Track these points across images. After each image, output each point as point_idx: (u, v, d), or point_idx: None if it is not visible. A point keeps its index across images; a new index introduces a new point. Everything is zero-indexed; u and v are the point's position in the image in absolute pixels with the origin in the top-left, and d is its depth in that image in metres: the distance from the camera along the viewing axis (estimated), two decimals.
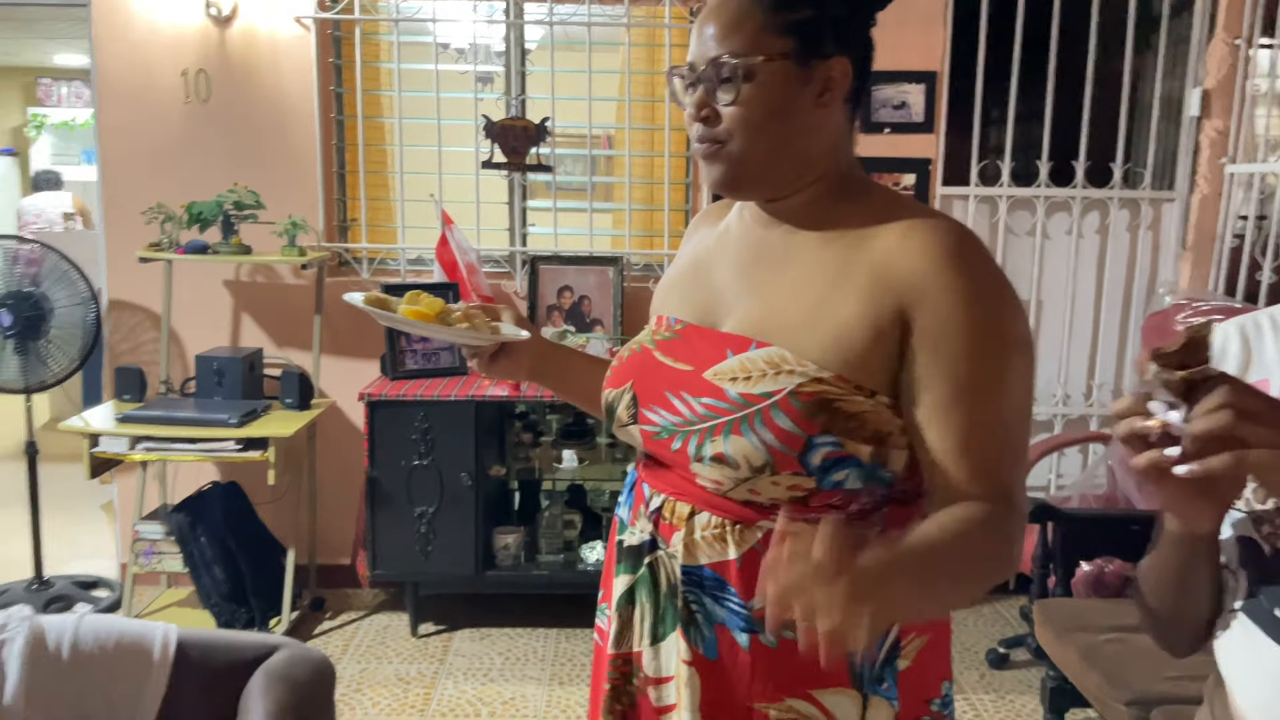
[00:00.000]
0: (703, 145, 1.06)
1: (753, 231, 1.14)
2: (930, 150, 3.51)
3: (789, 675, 1.07)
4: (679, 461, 1.08)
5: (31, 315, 3.21)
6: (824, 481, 1.02)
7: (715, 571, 1.07)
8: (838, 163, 1.09)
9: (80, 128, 8.15)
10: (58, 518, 3.61)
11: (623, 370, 1.17)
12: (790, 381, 1.00)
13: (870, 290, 1.01)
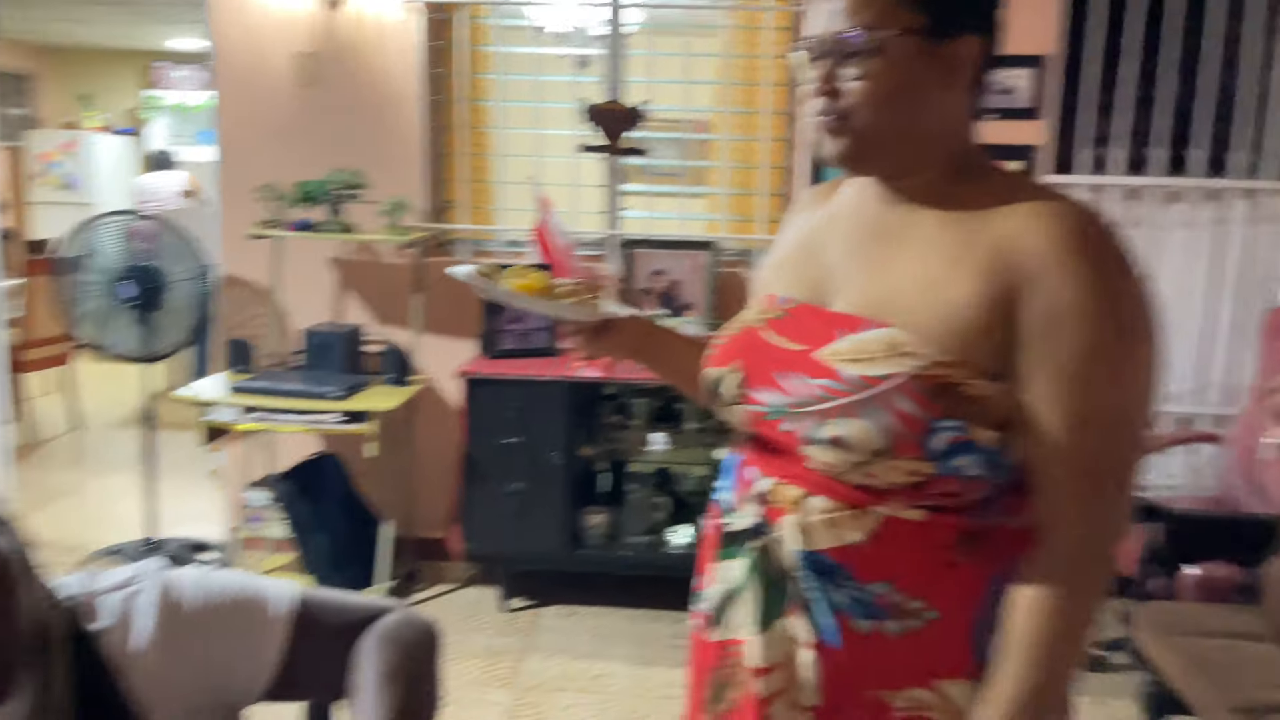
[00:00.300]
0: (825, 119, 1.04)
1: (867, 209, 1.11)
2: (1037, 137, 3.41)
3: (912, 664, 1.05)
4: (789, 444, 1.07)
5: (151, 287, 3.36)
6: (944, 467, 0.99)
7: (834, 557, 1.05)
8: (960, 144, 1.07)
9: (194, 110, 8.47)
10: (168, 482, 3.78)
11: (728, 349, 1.16)
12: (911, 364, 0.99)
13: (989, 271, 0.99)
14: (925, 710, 1.06)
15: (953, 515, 1.03)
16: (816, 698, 1.08)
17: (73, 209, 7.86)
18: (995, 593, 1.04)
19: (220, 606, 0.98)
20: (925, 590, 1.04)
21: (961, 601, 1.04)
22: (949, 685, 1.05)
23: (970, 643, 1.05)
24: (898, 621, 1.04)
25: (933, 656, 1.05)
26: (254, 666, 0.98)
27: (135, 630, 0.93)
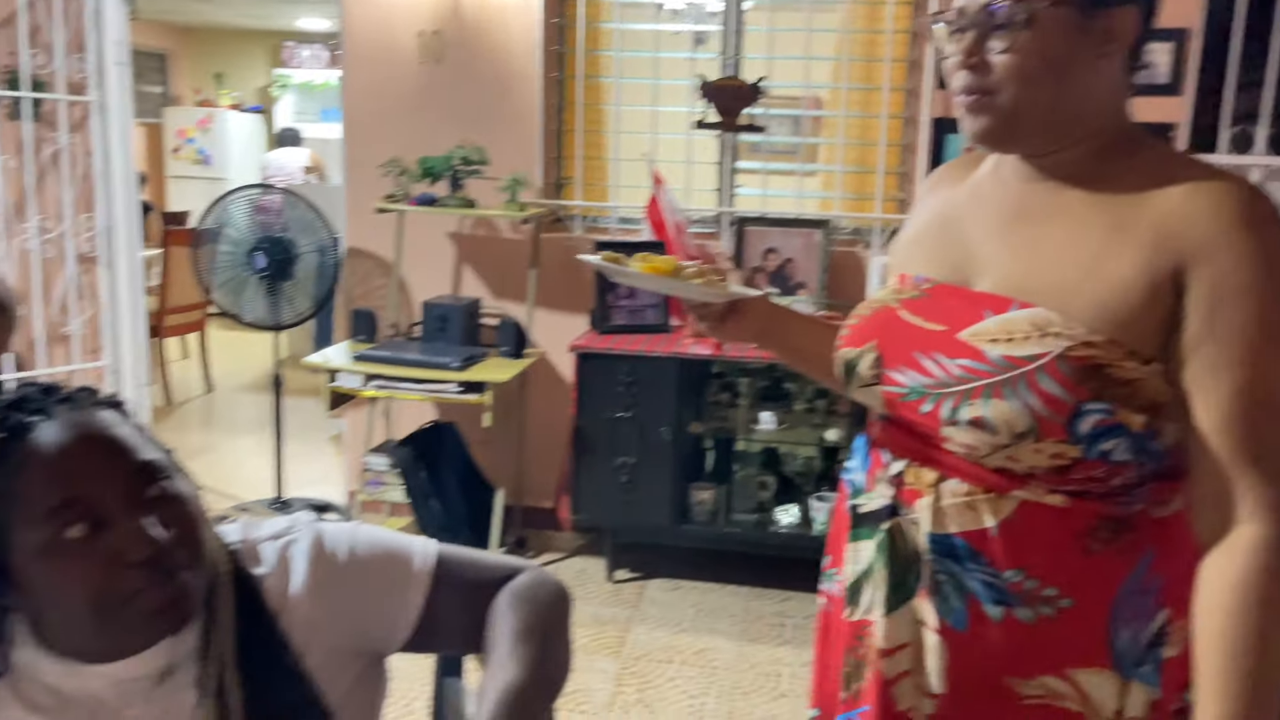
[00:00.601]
0: (968, 96, 1.02)
1: (1012, 187, 1.08)
2: (1176, 115, 3.26)
3: (1044, 652, 1.04)
4: (928, 425, 1.05)
5: (282, 259, 3.51)
6: (1090, 451, 0.97)
7: (967, 541, 1.04)
8: (1112, 119, 1.03)
9: (319, 88, 8.76)
10: (292, 446, 3.96)
11: (863, 329, 1.14)
12: (1058, 345, 0.97)
13: (1150, 248, 0.96)
14: (1057, 699, 1.04)
15: (1096, 501, 1.01)
16: (942, 684, 1.07)
17: (207, 183, 8.26)
18: (1136, 581, 1.02)
19: (368, 559, 1.03)
20: (1061, 577, 1.02)
21: (1099, 590, 1.02)
22: (1083, 674, 1.03)
23: (1107, 632, 1.02)
24: (1030, 609, 1.03)
25: (1066, 645, 1.03)
26: (396, 617, 1.02)
27: (291, 577, 0.99)
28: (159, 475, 0.89)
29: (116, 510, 0.86)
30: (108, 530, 0.85)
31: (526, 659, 0.96)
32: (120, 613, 0.86)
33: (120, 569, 0.85)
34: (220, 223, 3.57)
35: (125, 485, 0.87)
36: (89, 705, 0.91)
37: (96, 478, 0.86)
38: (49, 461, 0.85)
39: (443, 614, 1.04)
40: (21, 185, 3.57)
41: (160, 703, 0.93)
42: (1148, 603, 1.02)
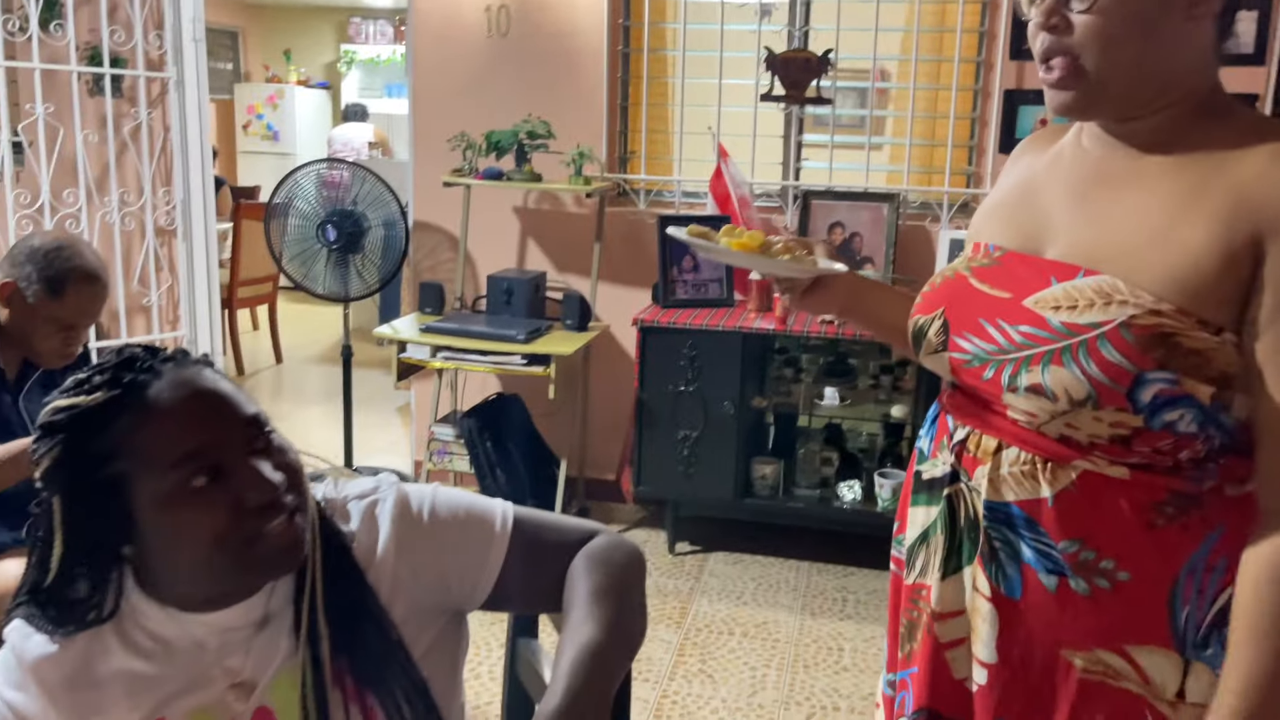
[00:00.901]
0: (1052, 69, 1.00)
1: (1091, 154, 1.07)
2: (1259, 85, 3.16)
3: (1101, 625, 1.03)
4: (990, 391, 1.05)
5: (353, 232, 3.57)
6: (1153, 421, 0.96)
7: (1024, 510, 1.04)
8: (1200, 83, 1.01)
9: (384, 64, 8.85)
10: (359, 416, 4.04)
11: (934, 296, 1.14)
12: (1122, 312, 0.95)
13: (1228, 215, 0.94)
14: (1114, 676, 1.03)
15: (1162, 475, 0.99)
16: (993, 653, 1.07)
17: (275, 159, 8.42)
18: (1201, 559, 1.00)
19: (450, 520, 1.06)
20: (1120, 551, 1.01)
21: (1160, 566, 1.01)
22: (1141, 652, 1.02)
23: (1167, 610, 1.01)
24: (1085, 579, 1.02)
25: (1124, 620, 1.02)
26: (477, 575, 1.05)
27: (378, 536, 1.03)
28: (264, 426, 0.94)
29: (233, 458, 0.90)
30: (227, 478, 0.90)
31: (604, 619, 0.98)
32: (241, 555, 0.90)
33: (241, 513, 0.90)
34: (291, 197, 3.64)
35: (239, 435, 0.92)
36: (191, 652, 0.96)
37: (214, 429, 0.90)
38: (170, 415, 0.89)
39: (521, 573, 1.07)
40: (103, 160, 3.69)
41: (257, 652, 0.97)
42: (1213, 581, 1.00)
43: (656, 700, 2.58)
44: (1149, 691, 1.02)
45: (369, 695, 0.98)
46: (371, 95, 8.78)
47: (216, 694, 0.96)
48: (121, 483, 0.88)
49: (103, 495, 0.89)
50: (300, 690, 0.96)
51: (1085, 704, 1.04)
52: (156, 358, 0.94)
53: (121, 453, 0.88)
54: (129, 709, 0.95)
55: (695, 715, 2.52)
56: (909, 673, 1.17)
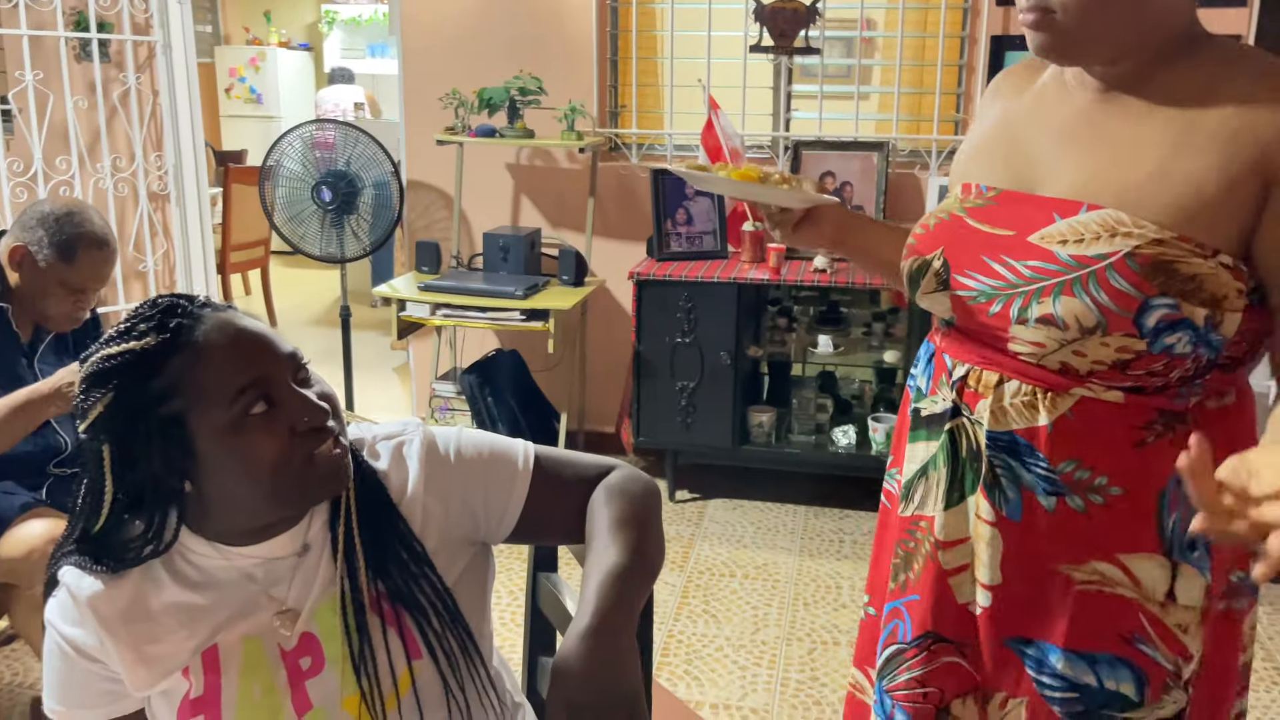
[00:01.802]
0: (1030, 14, 1.04)
1: (1076, 95, 1.12)
2: (1240, 26, 3.19)
3: (1096, 538, 1.09)
4: (995, 326, 1.10)
5: (347, 193, 3.59)
6: (1155, 345, 1.02)
7: (1024, 437, 1.10)
8: (1178, 26, 1.05)
9: (366, 23, 8.76)
10: (357, 377, 4.09)
11: (930, 237, 1.18)
12: (1127, 244, 1.01)
13: (1224, 143, 0.99)
14: (1109, 584, 1.10)
15: (1153, 396, 1.06)
16: (996, 574, 1.13)
17: (259, 122, 8.36)
18: None
19: (475, 458, 1.12)
20: (1113, 468, 1.07)
21: (1149, 480, 1.07)
22: (1133, 559, 1.09)
23: (1155, 520, 1.08)
24: (1081, 497, 1.09)
25: (1117, 532, 1.09)
26: (504, 510, 1.11)
27: (408, 474, 1.08)
28: (302, 360, 1.00)
29: (283, 388, 0.96)
30: (280, 405, 0.96)
31: (626, 544, 1.04)
32: (300, 477, 0.96)
33: (297, 436, 0.96)
34: (284, 159, 3.65)
35: (285, 367, 0.98)
36: (239, 583, 1.02)
37: (265, 362, 0.96)
38: (223, 352, 0.95)
39: (544, 507, 1.13)
40: (94, 125, 3.69)
41: (300, 580, 1.03)
42: None
43: (663, 640, 2.66)
44: (1141, 594, 1.09)
45: (405, 618, 1.04)
46: (354, 56, 8.70)
47: (264, 621, 1.02)
48: (181, 420, 0.94)
49: (163, 434, 0.94)
50: (341, 614, 1.02)
51: (1083, 612, 1.11)
52: (194, 304, 0.98)
53: (180, 390, 0.93)
54: (184, 638, 1.01)
55: (701, 653, 2.61)
56: (905, 600, 1.24)
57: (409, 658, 1.03)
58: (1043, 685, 1.13)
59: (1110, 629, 1.10)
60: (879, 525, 1.33)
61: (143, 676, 1.01)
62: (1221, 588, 1.12)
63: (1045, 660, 1.13)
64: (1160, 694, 1.11)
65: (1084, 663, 1.12)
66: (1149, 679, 1.10)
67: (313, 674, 1.02)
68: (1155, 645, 1.10)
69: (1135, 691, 1.11)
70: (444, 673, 1.04)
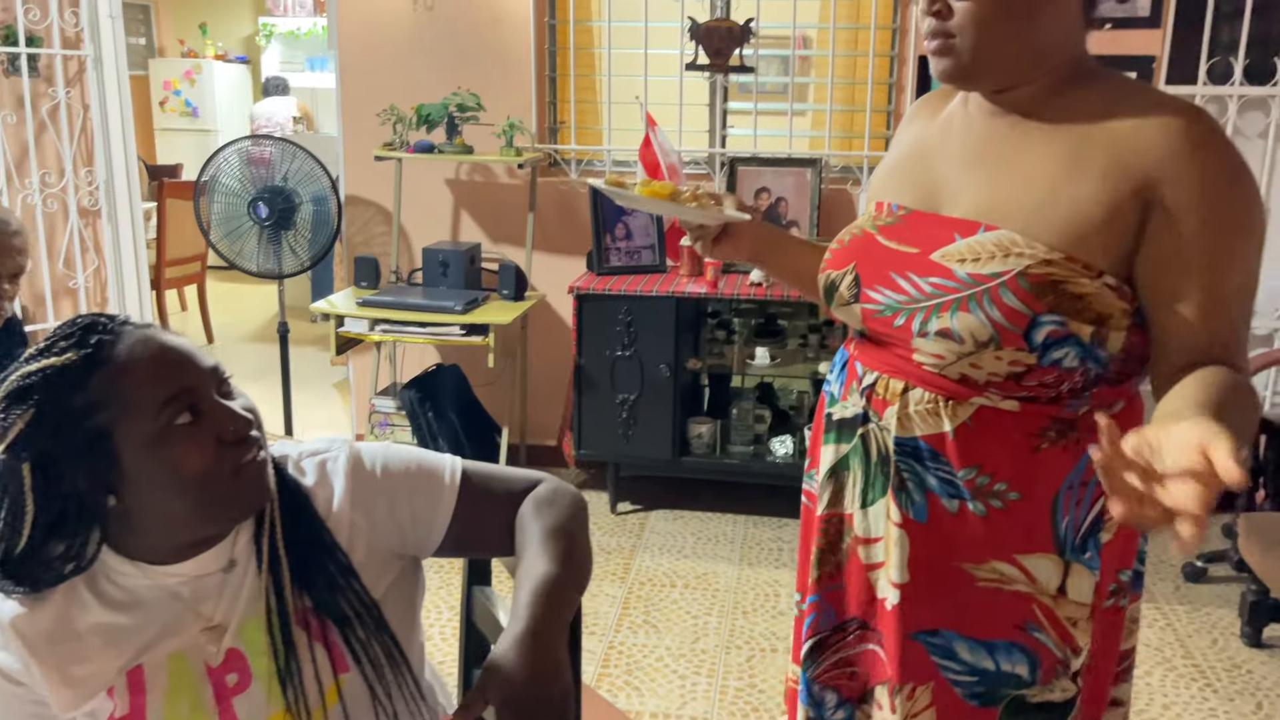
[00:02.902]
0: (934, 41, 1.11)
1: (977, 121, 1.18)
2: (1154, 47, 3.33)
3: (994, 540, 1.16)
4: (899, 338, 1.16)
5: (284, 208, 3.57)
6: (1044, 359, 1.08)
7: (929, 443, 1.16)
8: (1070, 54, 1.12)
9: (305, 37, 8.68)
10: (296, 394, 4.06)
11: (844, 253, 1.25)
12: (1019, 263, 1.06)
13: (1109, 170, 1.05)
14: (1007, 583, 1.16)
15: (1046, 405, 1.12)
16: (904, 573, 1.19)
17: (196, 135, 8.24)
18: (1078, 475, 1.14)
19: (402, 473, 1.14)
20: (1011, 474, 1.14)
21: (1044, 484, 1.14)
22: (1029, 559, 1.15)
23: (1050, 521, 1.15)
24: (982, 501, 1.15)
25: (1015, 533, 1.15)
26: (430, 524, 1.13)
27: (333, 489, 1.10)
28: (225, 374, 1.01)
29: (208, 399, 0.98)
30: (205, 416, 0.97)
31: (556, 555, 1.07)
32: (225, 488, 0.97)
33: (221, 446, 0.97)
34: (220, 174, 3.62)
35: (209, 378, 0.99)
36: (165, 601, 1.02)
37: (188, 373, 0.98)
38: (147, 365, 0.96)
39: (471, 521, 1.15)
40: (22, 140, 3.62)
41: (226, 596, 1.04)
42: (1088, 494, 1.14)
43: (604, 652, 2.68)
44: (1035, 589, 1.16)
45: (331, 631, 1.05)
46: (293, 69, 8.61)
47: (190, 638, 1.03)
48: (107, 433, 0.94)
49: (87, 449, 0.94)
50: (267, 629, 1.03)
51: (983, 606, 1.17)
52: (115, 321, 0.99)
53: (105, 403, 0.94)
54: (110, 658, 1.01)
55: (641, 664, 2.63)
56: (829, 591, 1.29)
57: (335, 671, 1.05)
58: (947, 670, 1.20)
59: (1007, 620, 1.17)
60: (802, 525, 1.39)
61: (68, 698, 1.01)
62: (1110, 585, 1.19)
63: (949, 647, 1.20)
64: (1050, 678, 1.18)
65: (983, 649, 1.18)
66: (1041, 661, 1.17)
67: (239, 690, 1.03)
68: (1047, 633, 1.17)
69: (1029, 672, 1.18)
70: (371, 683, 1.06)
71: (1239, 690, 2.55)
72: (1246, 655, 2.71)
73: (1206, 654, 2.72)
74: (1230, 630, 2.83)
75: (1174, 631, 2.83)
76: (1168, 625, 2.86)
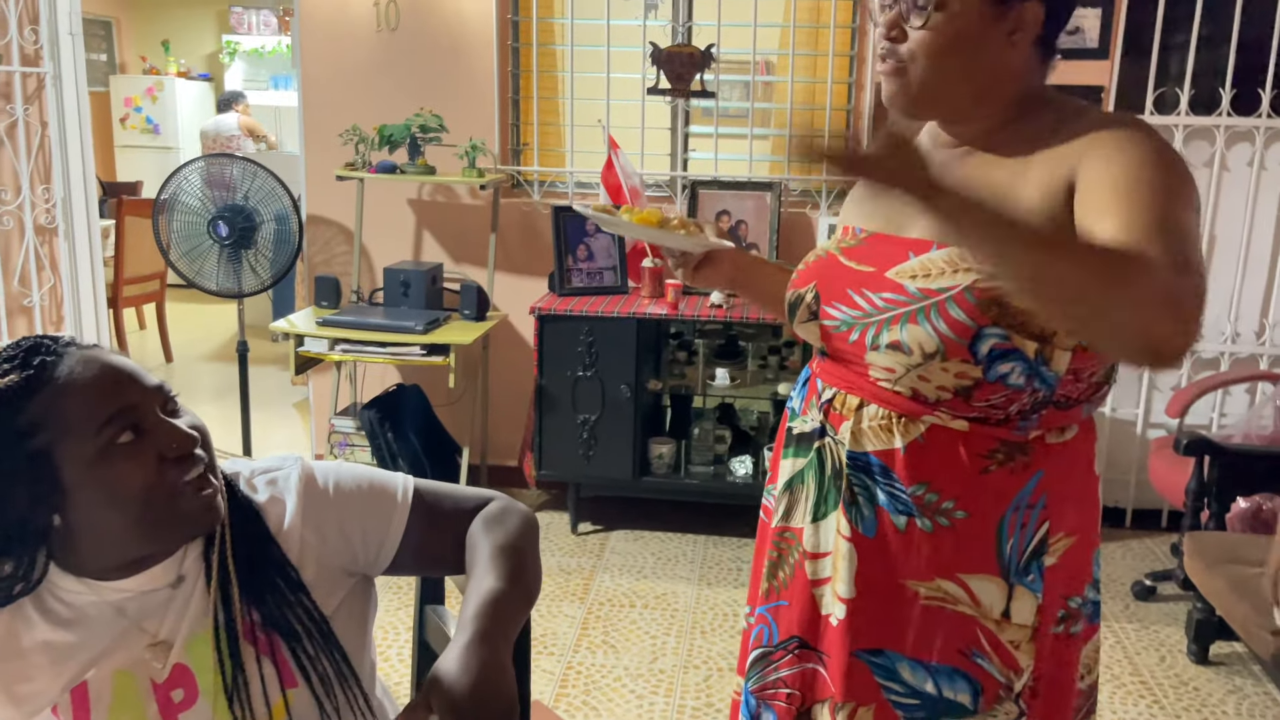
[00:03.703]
0: (885, 64, 1.15)
1: (938, 152, 1.22)
2: (1103, 78, 3.42)
3: (941, 558, 1.18)
4: (855, 353, 1.19)
5: (245, 227, 3.56)
6: (990, 372, 1.11)
7: (880, 459, 1.19)
8: (1023, 90, 1.16)
9: (269, 55, 8.66)
10: (255, 414, 4.02)
11: (807, 273, 1.29)
12: (967, 278, 1.10)
13: (1048, 177, 1.09)
14: (950, 601, 1.18)
15: (995, 427, 1.15)
16: (850, 588, 1.21)
17: (157, 153, 8.17)
18: (1024, 498, 1.16)
19: (353, 491, 1.15)
20: (958, 492, 1.16)
21: (991, 505, 1.16)
22: (974, 579, 1.18)
23: (995, 543, 1.17)
24: (930, 519, 1.17)
25: (960, 552, 1.18)
26: (381, 541, 1.14)
27: (284, 507, 1.10)
28: (170, 392, 1.02)
29: (151, 417, 0.98)
30: (148, 434, 0.97)
31: (504, 571, 1.08)
32: (168, 507, 0.97)
33: (166, 465, 0.98)
34: (179, 193, 3.60)
35: (152, 397, 0.99)
36: (110, 618, 1.02)
37: (132, 391, 0.98)
38: (88, 385, 0.96)
39: (422, 539, 1.16)
40: None
41: (173, 612, 1.04)
42: (1033, 516, 1.17)
43: (562, 672, 2.68)
44: (979, 613, 1.18)
45: (280, 648, 1.05)
46: (257, 87, 8.58)
47: (136, 654, 1.02)
48: (47, 455, 0.94)
49: (28, 471, 0.94)
50: (214, 644, 1.03)
51: (927, 626, 1.19)
52: (59, 343, 1.00)
53: (45, 424, 0.94)
54: (54, 676, 1.01)
55: (599, 684, 2.64)
56: (774, 606, 1.31)
57: (283, 686, 1.05)
58: (889, 691, 1.21)
59: (950, 643, 1.19)
60: (757, 539, 1.41)
61: (12, 716, 1.00)
62: (1058, 611, 1.21)
63: (892, 668, 1.21)
64: (993, 703, 1.19)
65: (925, 672, 1.20)
66: (983, 689, 1.19)
67: (185, 707, 1.03)
68: (990, 659, 1.18)
69: (971, 700, 1.19)
70: (319, 698, 1.06)
71: (1185, 707, 2.60)
72: (1193, 672, 2.76)
73: (1154, 671, 2.77)
74: (1178, 648, 2.88)
75: (1123, 649, 2.88)
76: (1117, 643, 2.91)
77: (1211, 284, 3.56)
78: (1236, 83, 3.40)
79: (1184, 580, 3.04)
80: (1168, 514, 3.67)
